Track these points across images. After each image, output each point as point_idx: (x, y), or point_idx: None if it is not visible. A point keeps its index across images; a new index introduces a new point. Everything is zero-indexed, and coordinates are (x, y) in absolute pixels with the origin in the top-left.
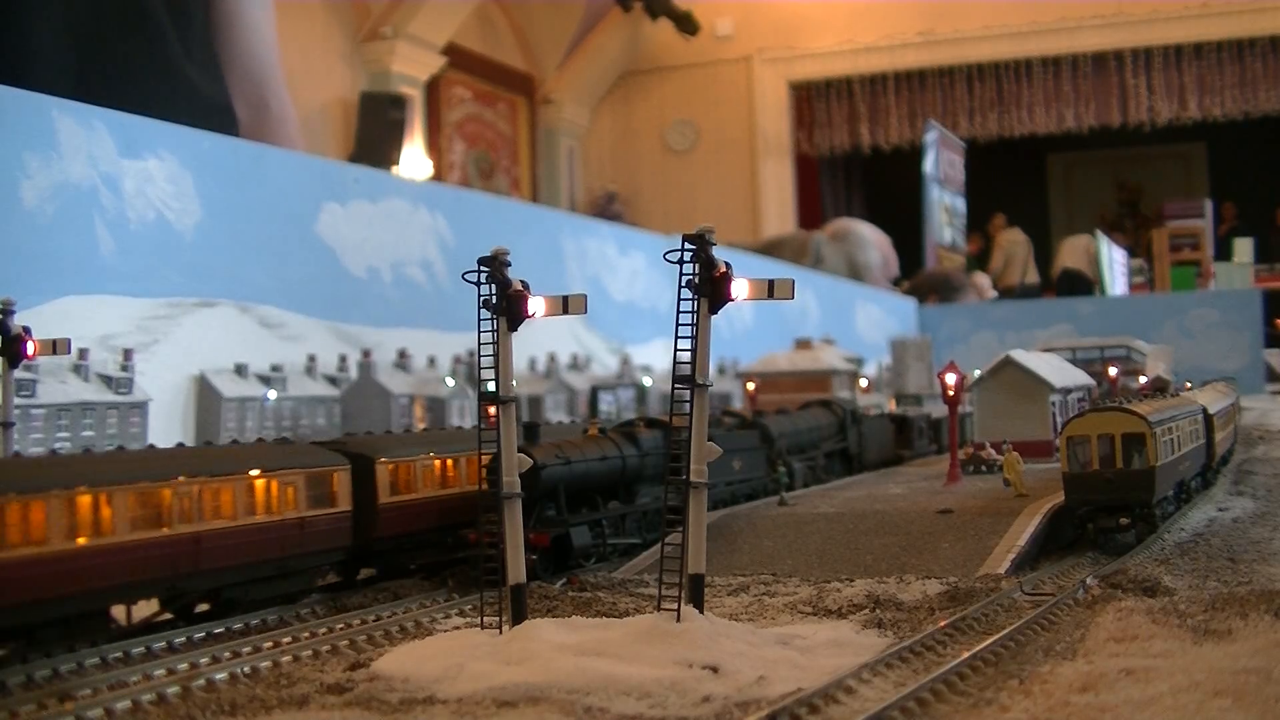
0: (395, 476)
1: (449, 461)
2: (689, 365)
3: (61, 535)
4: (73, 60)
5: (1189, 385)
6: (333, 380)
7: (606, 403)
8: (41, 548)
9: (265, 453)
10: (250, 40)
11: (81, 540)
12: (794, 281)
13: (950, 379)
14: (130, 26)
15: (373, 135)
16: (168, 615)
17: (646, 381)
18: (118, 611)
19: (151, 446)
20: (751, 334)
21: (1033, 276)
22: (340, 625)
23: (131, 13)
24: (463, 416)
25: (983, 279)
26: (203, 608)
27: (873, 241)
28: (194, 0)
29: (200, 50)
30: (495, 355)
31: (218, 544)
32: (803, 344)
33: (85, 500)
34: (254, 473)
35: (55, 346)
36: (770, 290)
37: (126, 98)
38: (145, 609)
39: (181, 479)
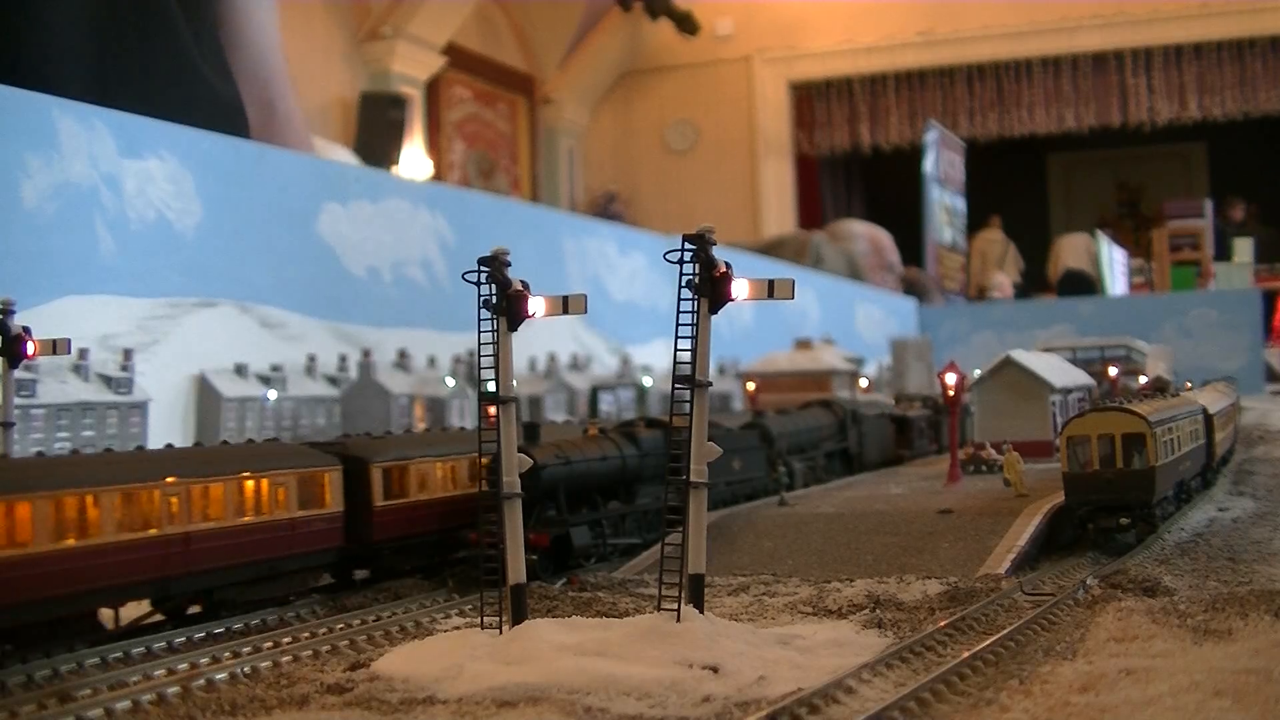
0: None
1: None
2: (689, 365)
3: (49, 537)
4: (94, 61)
5: (1189, 385)
6: (333, 380)
7: (606, 403)
8: (28, 549)
9: None
10: (257, 41)
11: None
12: (794, 281)
13: (950, 379)
14: (149, 28)
15: (373, 135)
16: None
17: (646, 381)
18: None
19: None
20: (751, 334)
21: (1010, 274)
22: (340, 625)
23: (150, 14)
24: (463, 416)
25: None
26: None
27: (861, 234)
28: (205, 2)
29: (212, 52)
30: (495, 355)
31: None
32: (803, 344)
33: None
34: None
35: (55, 346)
36: (770, 290)
37: (147, 99)
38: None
39: None
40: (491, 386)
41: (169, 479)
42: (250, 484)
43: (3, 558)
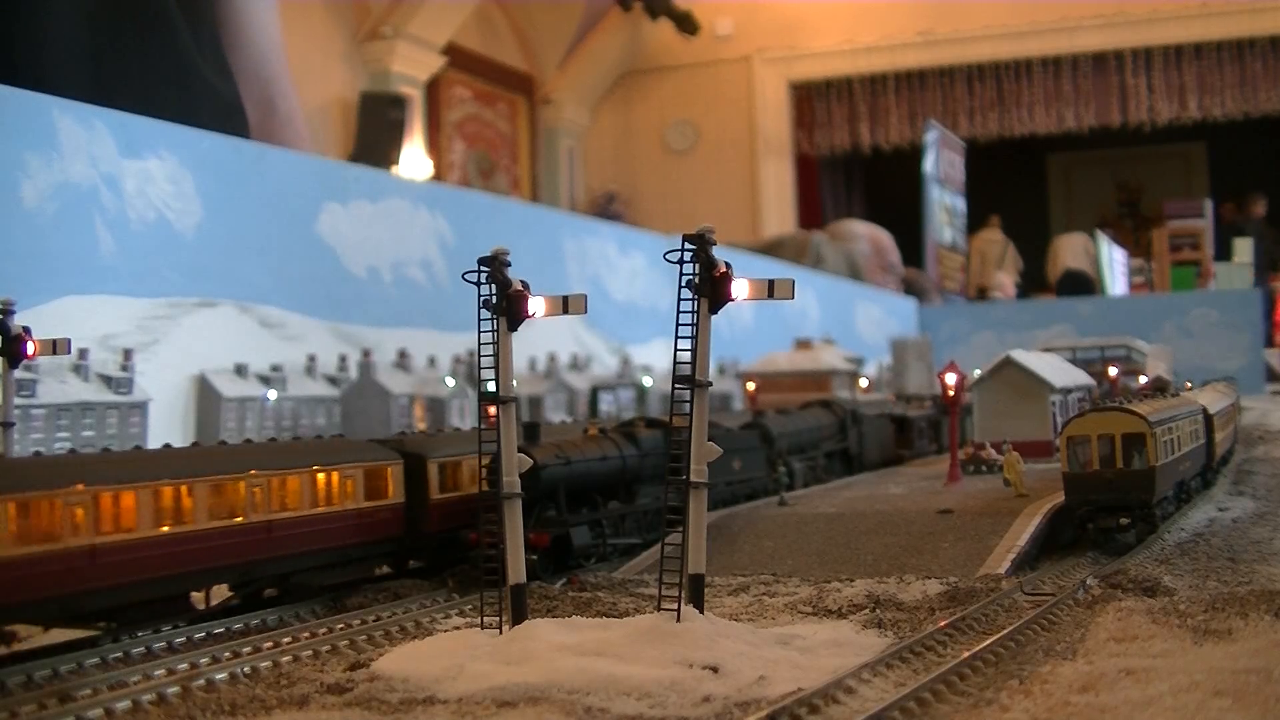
0: None
1: None
2: (689, 365)
3: (150, 523)
4: (94, 61)
5: (1189, 385)
6: (333, 380)
7: (606, 403)
8: (132, 534)
9: None
10: (257, 40)
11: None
12: (794, 281)
13: (950, 379)
14: (147, 26)
15: (373, 135)
16: None
17: (646, 381)
18: None
19: None
20: (751, 334)
21: (1009, 274)
22: (340, 625)
23: (148, 13)
24: (463, 416)
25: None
26: None
27: (861, 234)
28: (205, 2)
29: (211, 51)
30: (495, 355)
31: None
32: (803, 344)
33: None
34: None
35: (55, 346)
36: (770, 290)
37: (147, 99)
38: None
39: None
40: (491, 386)
41: (252, 471)
42: (322, 477)
43: (111, 542)
